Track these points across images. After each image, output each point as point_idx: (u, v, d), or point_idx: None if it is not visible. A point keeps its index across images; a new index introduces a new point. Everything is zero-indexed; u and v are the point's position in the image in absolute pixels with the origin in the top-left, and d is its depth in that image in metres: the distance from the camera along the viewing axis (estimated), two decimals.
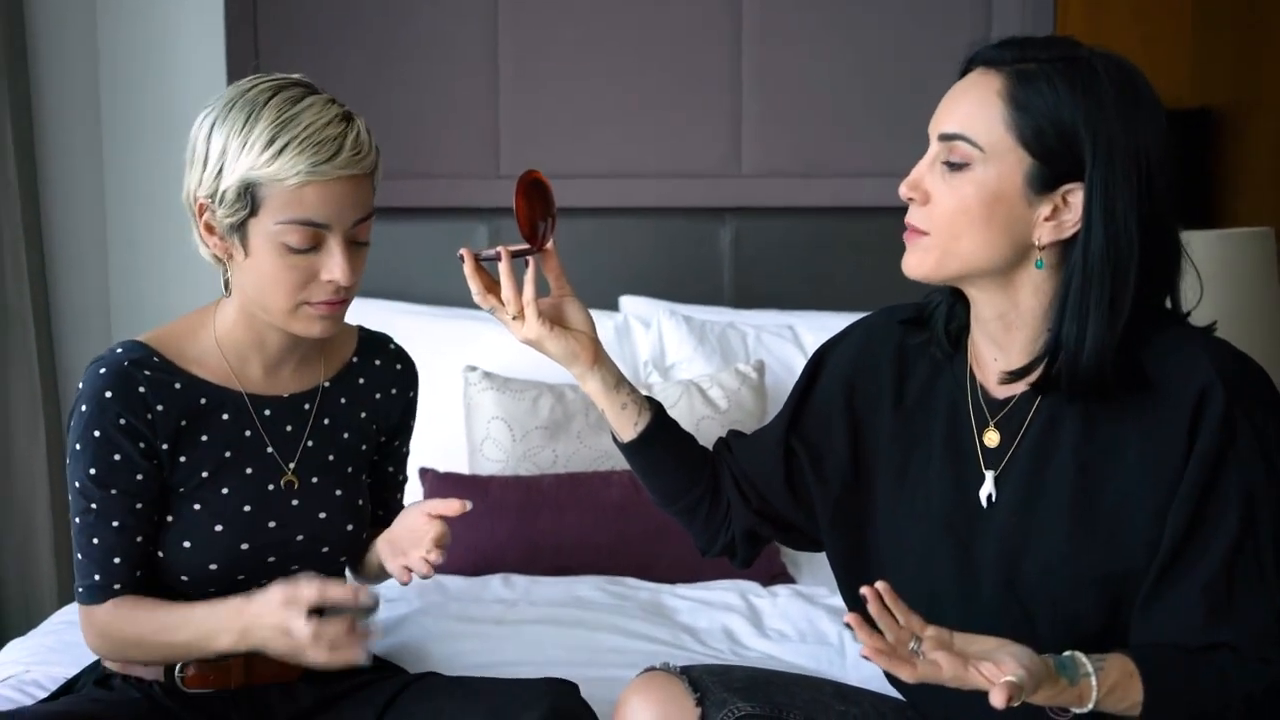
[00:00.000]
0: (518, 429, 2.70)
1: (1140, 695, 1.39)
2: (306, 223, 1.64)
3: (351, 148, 1.64)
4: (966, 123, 1.46)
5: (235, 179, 1.64)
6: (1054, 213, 1.45)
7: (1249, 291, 2.84)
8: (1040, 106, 1.43)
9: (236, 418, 1.78)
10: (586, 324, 1.67)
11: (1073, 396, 1.48)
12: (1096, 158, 1.42)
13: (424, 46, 3.21)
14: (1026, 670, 1.31)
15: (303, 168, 1.62)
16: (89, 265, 3.22)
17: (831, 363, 1.71)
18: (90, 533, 1.73)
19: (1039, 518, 1.51)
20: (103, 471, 1.72)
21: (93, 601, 1.74)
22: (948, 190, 1.47)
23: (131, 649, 1.75)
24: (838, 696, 1.67)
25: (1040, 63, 1.45)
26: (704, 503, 1.73)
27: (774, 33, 3.21)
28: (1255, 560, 1.42)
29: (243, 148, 1.63)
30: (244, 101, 1.66)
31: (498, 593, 2.43)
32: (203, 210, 1.69)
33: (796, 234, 3.19)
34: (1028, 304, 1.50)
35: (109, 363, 1.74)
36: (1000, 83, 1.45)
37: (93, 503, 1.72)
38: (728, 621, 2.31)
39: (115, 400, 1.71)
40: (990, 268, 1.49)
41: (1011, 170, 1.45)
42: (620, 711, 1.62)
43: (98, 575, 1.73)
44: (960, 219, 1.47)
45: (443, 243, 3.00)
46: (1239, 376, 1.45)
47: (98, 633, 1.75)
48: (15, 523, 3.00)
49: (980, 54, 1.50)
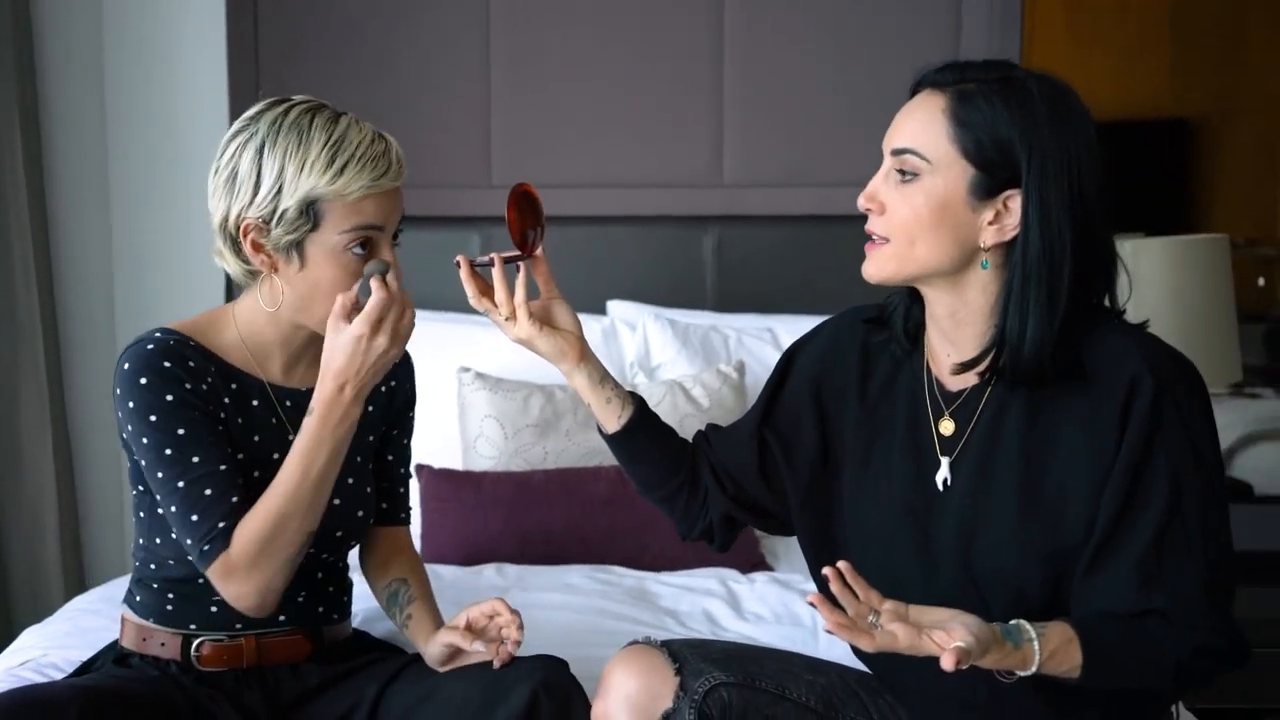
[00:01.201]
0: (509, 427, 2.75)
1: (1079, 659, 1.49)
2: (368, 227, 1.75)
3: (396, 162, 1.77)
4: (915, 138, 1.58)
5: (297, 198, 1.72)
6: (996, 217, 1.57)
7: (1206, 295, 2.91)
8: (979, 122, 1.55)
9: (264, 405, 1.86)
10: (574, 324, 1.77)
11: (1016, 385, 1.59)
12: (1031, 167, 1.54)
13: (419, 63, 3.25)
14: (975, 637, 1.41)
15: (365, 182, 1.73)
16: (94, 275, 3.26)
17: (801, 360, 1.81)
18: (200, 486, 1.74)
19: (990, 499, 1.60)
20: (191, 428, 1.75)
21: (224, 548, 1.73)
22: (900, 199, 1.59)
23: (272, 550, 1.73)
24: (807, 667, 1.76)
25: (979, 83, 1.57)
26: (683, 490, 1.82)
27: (755, 50, 3.26)
28: (1182, 535, 1.52)
29: (302, 168, 1.72)
30: (289, 125, 1.74)
31: (491, 581, 2.49)
32: (248, 231, 1.76)
33: (776, 241, 3.25)
34: (976, 302, 1.61)
35: (153, 341, 1.79)
36: (944, 101, 1.57)
37: (194, 457, 1.74)
38: (708, 605, 2.37)
39: (174, 368, 1.77)
40: (942, 269, 1.59)
41: (956, 179, 1.56)
42: (605, 680, 1.68)
43: (221, 522, 1.73)
44: (914, 225, 1.58)
45: (437, 250, 3.00)
46: (1166, 368, 1.55)
47: (243, 572, 1.74)
48: (24, 521, 3.03)
49: (926, 77, 1.62)
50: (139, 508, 1.86)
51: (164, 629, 1.86)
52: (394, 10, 3.25)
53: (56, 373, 3.09)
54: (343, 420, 1.74)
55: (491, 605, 1.81)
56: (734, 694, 1.66)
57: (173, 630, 1.85)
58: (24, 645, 2.13)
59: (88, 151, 3.24)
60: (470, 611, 1.82)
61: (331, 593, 1.94)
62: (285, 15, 3.24)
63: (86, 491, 3.25)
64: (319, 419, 1.73)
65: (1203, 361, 2.80)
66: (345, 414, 1.74)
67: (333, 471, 1.76)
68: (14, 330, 2.99)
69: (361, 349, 1.71)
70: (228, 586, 1.76)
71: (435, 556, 2.61)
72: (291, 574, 1.78)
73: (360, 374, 1.72)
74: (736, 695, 1.66)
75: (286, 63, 3.23)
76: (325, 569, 1.93)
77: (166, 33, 3.23)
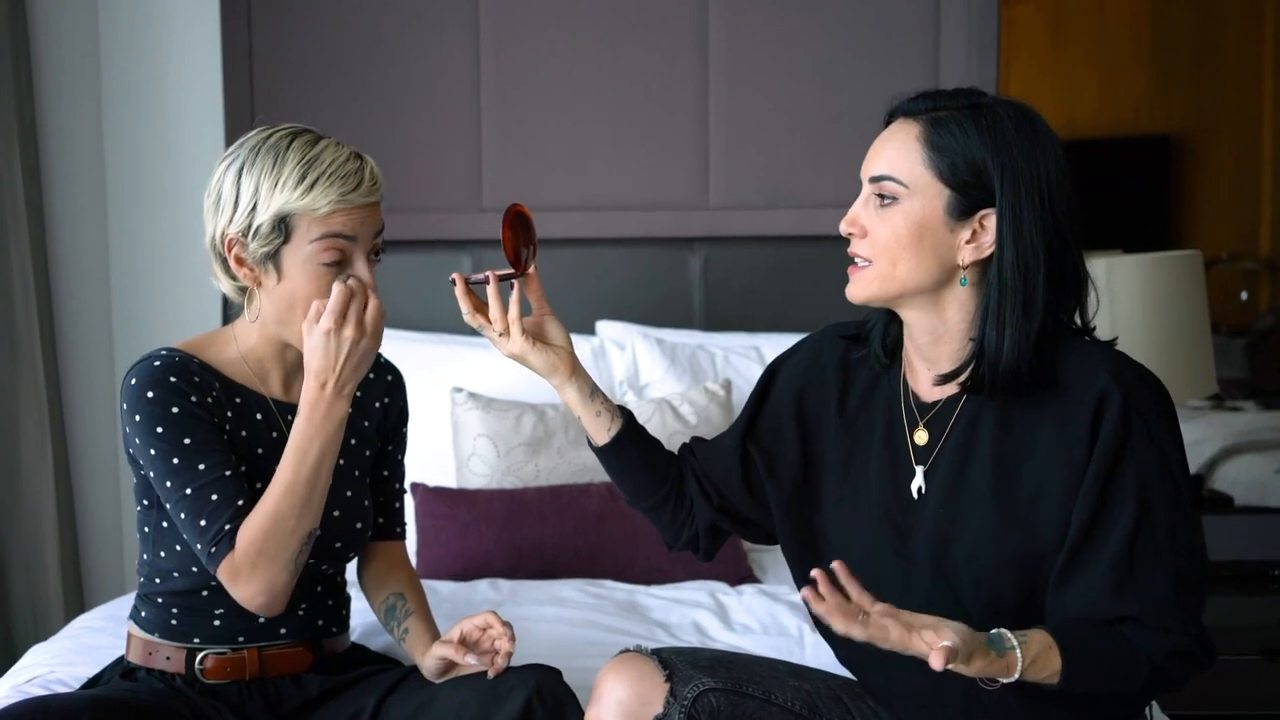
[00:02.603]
0: (502, 445, 2.78)
1: (1058, 664, 1.53)
2: (336, 235, 1.80)
3: (369, 179, 1.82)
4: (892, 165, 1.64)
5: (270, 213, 1.79)
6: (973, 236, 1.63)
7: (1181, 310, 2.95)
8: (953, 146, 1.61)
9: (267, 420, 1.91)
10: (565, 340, 1.82)
11: (992, 396, 1.64)
12: (1004, 185, 1.60)
13: (410, 88, 3.30)
14: (961, 640, 1.46)
15: (333, 197, 1.78)
16: (92, 292, 3.28)
17: (783, 375, 1.86)
18: (208, 492, 1.79)
19: (963, 507, 1.66)
20: (198, 436, 1.81)
21: (229, 549, 1.78)
22: (880, 223, 1.65)
23: (272, 550, 1.77)
24: (792, 674, 1.81)
25: (950, 110, 1.63)
26: (670, 500, 1.87)
27: (739, 76, 3.31)
28: (1152, 542, 1.58)
29: (275, 186, 1.79)
30: (267, 148, 1.82)
31: (486, 595, 2.52)
32: (231, 245, 1.83)
33: (761, 261, 3.29)
34: (954, 319, 1.67)
35: (159, 358, 1.85)
36: (918, 129, 1.64)
37: (200, 464, 1.80)
38: (697, 617, 2.41)
39: (180, 382, 1.82)
40: (922, 288, 1.65)
41: (933, 202, 1.63)
42: (597, 687, 1.72)
43: (227, 525, 1.78)
44: (895, 247, 1.64)
45: (430, 273, 3.12)
46: (1134, 381, 1.61)
47: (247, 572, 1.77)
48: (23, 538, 3.04)
49: (899, 107, 1.68)
50: (143, 523, 1.91)
51: (169, 643, 1.90)
52: (386, 37, 3.29)
53: (55, 393, 3.10)
54: (328, 417, 1.78)
55: (484, 618, 1.86)
56: (722, 699, 1.70)
57: (177, 644, 1.90)
58: (30, 663, 2.15)
59: (86, 171, 3.26)
60: (463, 625, 1.87)
61: (331, 606, 1.99)
62: (280, 38, 3.27)
63: (86, 512, 3.26)
64: (305, 418, 1.78)
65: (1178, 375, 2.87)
66: (330, 411, 1.78)
67: (326, 470, 1.80)
68: (13, 350, 3.00)
69: (333, 344, 1.76)
70: (236, 588, 1.80)
71: (430, 572, 2.64)
72: (297, 573, 1.81)
73: (338, 368, 1.77)
74: (724, 700, 1.71)
75: (281, 90, 3.27)
76: (325, 582, 1.98)
77: (163, 55, 3.27)
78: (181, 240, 3.26)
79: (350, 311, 1.77)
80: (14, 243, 2.99)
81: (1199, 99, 5.31)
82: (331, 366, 1.77)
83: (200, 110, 3.27)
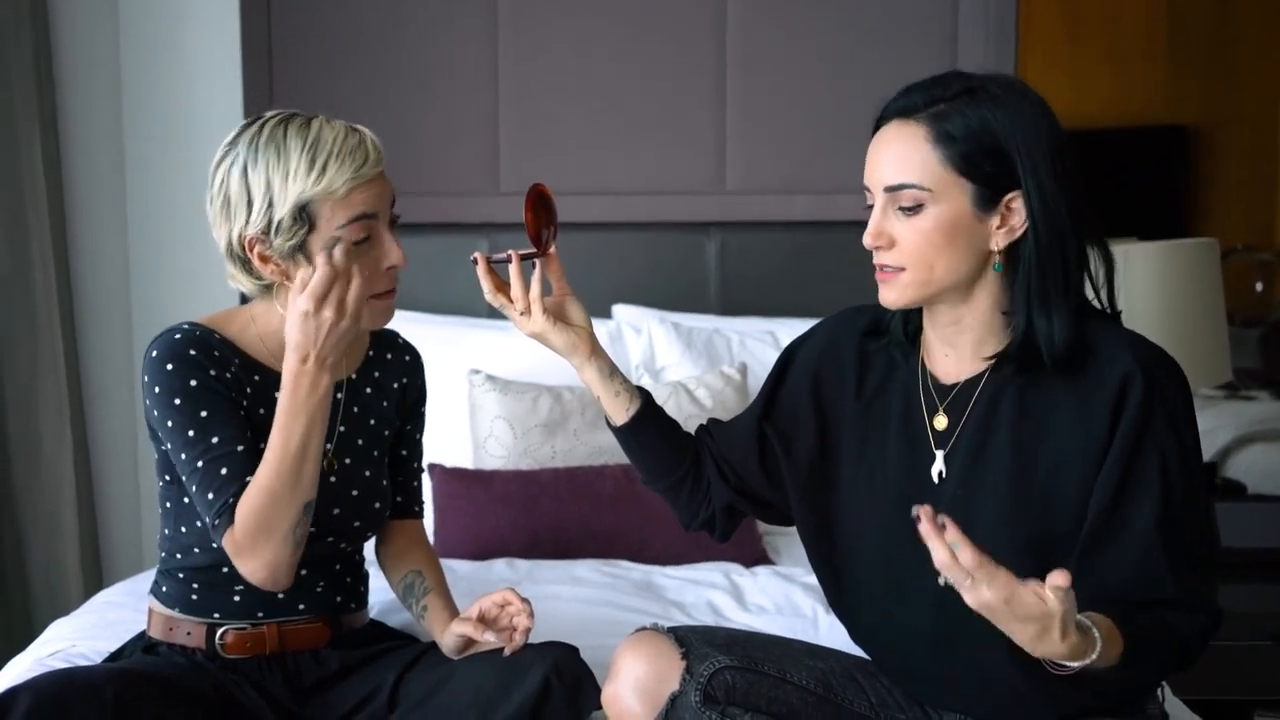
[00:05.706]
0: (519, 427, 2.79)
1: (1120, 648, 1.48)
2: (362, 217, 1.80)
3: (373, 150, 1.83)
4: (907, 171, 1.62)
5: (289, 206, 1.79)
6: (1003, 220, 1.62)
7: (1196, 298, 2.97)
8: (965, 138, 1.60)
9: None
10: (585, 320, 1.83)
11: (1010, 379, 1.64)
12: (1024, 161, 1.59)
13: (428, 73, 3.30)
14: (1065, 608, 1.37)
15: (347, 175, 1.79)
16: (111, 277, 3.30)
17: (800, 358, 1.86)
18: (218, 465, 1.80)
19: (982, 489, 1.66)
20: (214, 409, 1.82)
21: (230, 523, 1.78)
22: (910, 230, 1.63)
23: (268, 524, 1.77)
24: (807, 653, 1.82)
25: (947, 101, 1.62)
26: (687, 481, 1.87)
27: (756, 61, 3.31)
28: (1175, 523, 1.58)
29: (286, 177, 1.78)
30: (265, 140, 1.81)
31: (502, 574, 2.53)
32: (253, 245, 1.82)
33: (778, 246, 3.29)
34: (981, 307, 1.66)
35: (180, 332, 1.85)
36: (924, 129, 1.61)
37: (214, 438, 1.81)
38: (712, 597, 2.41)
39: (200, 356, 1.83)
40: (960, 282, 1.65)
41: (959, 199, 1.61)
42: (614, 664, 1.73)
43: (231, 499, 1.79)
44: (929, 251, 1.62)
45: (447, 256, 3.13)
46: (1155, 366, 1.61)
47: (248, 547, 1.78)
48: (43, 519, 3.07)
49: (891, 109, 1.66)
50: (165, 498, 1.92)
51: (189, 618, 1.92)
52: (404, 22, 3.30)
53: (75, 373, 3.12)
54: (312, 390, 1.77)
55: (503, 595, 1.87)
56: (737, 677, 1.72)
57: (198, 619, 1.91)
58: (52, 636, 2.17)
59: (105, 158, 3.27)
60: (482, 602, 1.88)
61: (349, 583, 2.01)
62: (299, 25, 3.28)
63: (104, 490, 3.29)
64: (288, 392, 1.78)
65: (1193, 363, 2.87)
66: (313, 384, 1.77)
67: (315, 442, 1.79)
68: (34, 331, 3.02)
69: (311, 325, 1.76)
70: (239, 562, 1.81)
71: (447, 552, 2.65)
72: (298, 547, 1.81)
73: (319, 344, 1.76)
74: (740, 678, 1.72)
75: (300, 77, 3.28)
76: (343, 560, 1.99)
77: (182, 42, 3.28)
78: (199, 225, 3.21)
79: (332, 294, 1.76)
80: (35, 228, 3.01)
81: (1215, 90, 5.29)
82: (312, 343, 1.76)
83: (219, 97, 3.28)
